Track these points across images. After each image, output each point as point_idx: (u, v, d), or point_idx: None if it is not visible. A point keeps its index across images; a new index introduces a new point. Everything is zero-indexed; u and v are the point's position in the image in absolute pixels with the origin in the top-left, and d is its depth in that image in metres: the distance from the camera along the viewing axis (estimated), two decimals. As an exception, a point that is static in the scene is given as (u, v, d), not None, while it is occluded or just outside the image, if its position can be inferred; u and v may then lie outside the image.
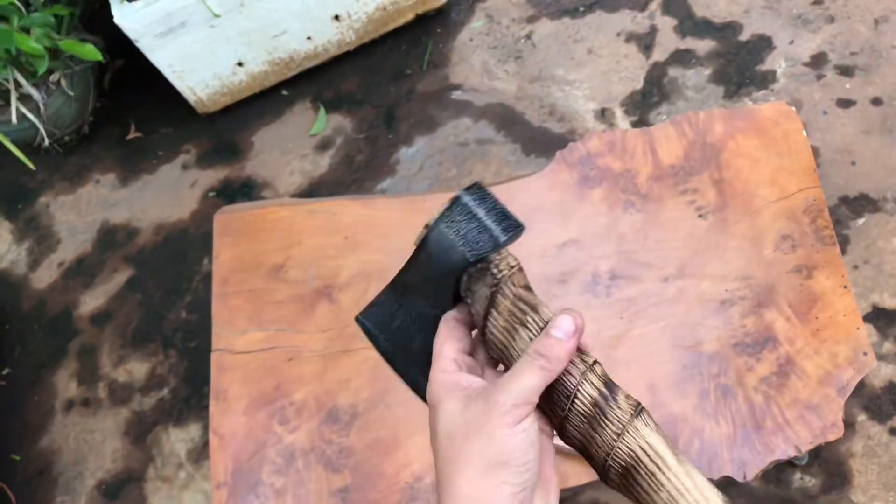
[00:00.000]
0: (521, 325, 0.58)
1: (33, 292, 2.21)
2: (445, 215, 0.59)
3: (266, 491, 1.17)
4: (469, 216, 0.59)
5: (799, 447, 1.06)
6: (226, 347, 1.29)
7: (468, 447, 0.55)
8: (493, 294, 0.59)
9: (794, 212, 1.20)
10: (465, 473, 0.54)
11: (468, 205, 0.59)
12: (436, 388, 0.59)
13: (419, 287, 0.63)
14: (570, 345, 0.57)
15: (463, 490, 0.54)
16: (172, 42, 2.01)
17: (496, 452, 0.54)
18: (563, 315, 0.58)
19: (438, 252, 0.59)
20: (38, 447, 1.98)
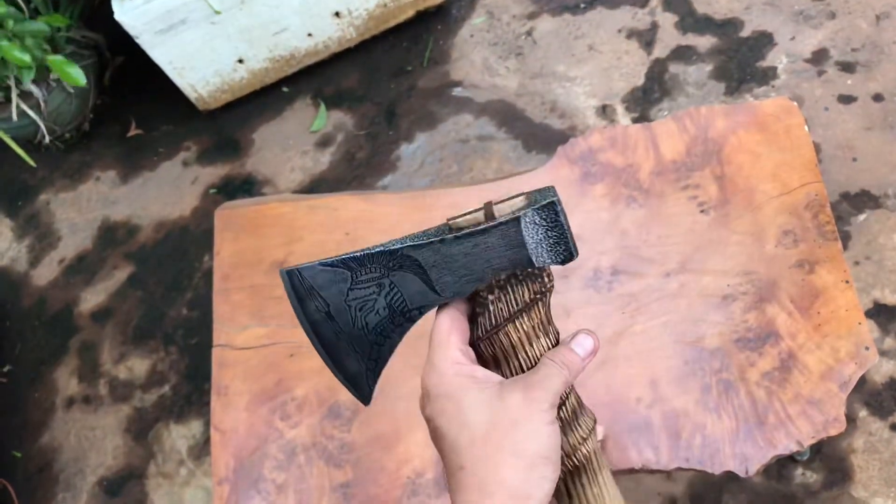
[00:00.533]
0: (544, 334, 0.61)
1: (34, 289, 2.21)
2: (539, 212, 0.58)
3: (267, 486, 1.17)
4: (555, 223, 0.58)
5: (801, 442, 1.06)
6: (227, 343, 1.28)
7: (511, 440, 0.55)
8: (535, 300, 0.60)
9: (796, 207, 1.20)
10: (510, 465, 0.55)
11: (558, 212, 0.58)
12: (449, 377, 0.58)
13: (446, 265, 0.60)
14: (586, 364, 0.61)
15: (509, 481, 0.54)
16: (173, 39, 2.01)
17: (542, 448, 0.55)
18: (586, 335, 0.61)
19: (512, 243, 0.58)
20: (39, 444, 1.98)
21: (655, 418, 1.11)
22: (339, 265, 0.60)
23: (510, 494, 0.54)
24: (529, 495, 0.54)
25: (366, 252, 0.60)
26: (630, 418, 1.11)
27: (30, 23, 1.92)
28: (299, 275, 0.61)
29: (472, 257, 0.59)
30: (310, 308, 0.62)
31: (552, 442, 0.56)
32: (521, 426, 0.56)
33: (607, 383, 1.14)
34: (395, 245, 0.60)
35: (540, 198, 0.58)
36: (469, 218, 0.60)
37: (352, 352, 0.63)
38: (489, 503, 0.54)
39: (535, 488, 0.55)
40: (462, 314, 0.62)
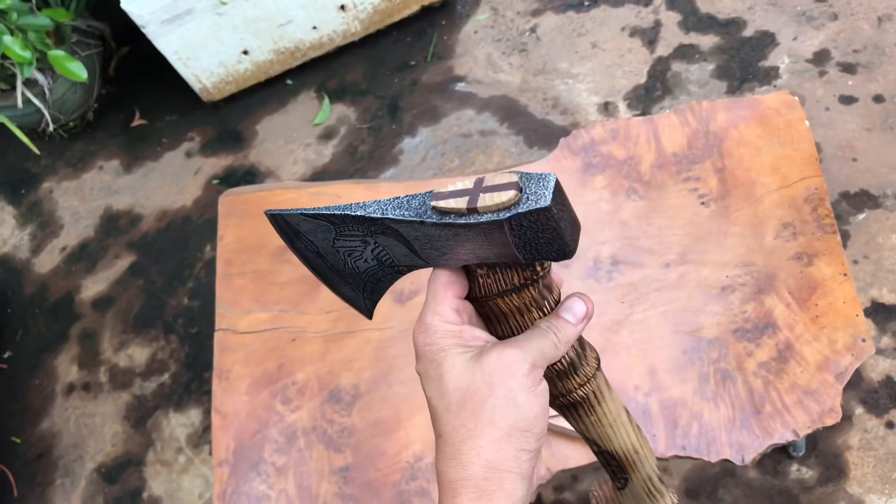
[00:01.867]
0: (536, 308, 0.58)
1: (35, 277, 2.22)
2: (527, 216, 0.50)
3: (267, 469, 1.18)
4: (546, 226, 0.51)
5: (797, 432, 1.07)
6: (229, 327, 1.29)
7: (489, 408, 0.52)
8: (525, 285, 0.57)
9: (796, 200, 1.21)
10: (484, 436, 0.52)
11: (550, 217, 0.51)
12: (435, 336, 0.55)
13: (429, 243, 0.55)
14: (579, 329, 0.57)
15: (483, 454, 0.52)
16: (178, 29, 2.02)
17: (519, 419, 0.52)
18: (577, 300, 0.58)
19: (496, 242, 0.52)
20: (39, 430, 1.99)
21: (653, 406, 1.12)
22: (322, 219, 0.58)
23: (484, 465, 0.51)
24: (506, 468, 0.52)
25: (345, 213, 0.57)
26: (628, 406, 1.12)
27: (34, 17, 1.93)
28: (283, 219, 0.59)
29: (455, 243, 0.54)
30: (299, 246, 0.61)
31: (531, 412, 0.53)
32: (496, 393, 0.53)
33: (606, 371, 1.15)
34: (374, 213, 0.56)
35: (533, 197, 0.51)
36: (451, 204, 0.53)
37: (346, 283, 0.62)
38: (463, 473, 0.52)
39: (512, 461, 0.52)
40: (461, 270, 0.58)
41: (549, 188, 0.50)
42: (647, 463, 0.65)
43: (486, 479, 0.51)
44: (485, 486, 0.51)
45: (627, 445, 0.64)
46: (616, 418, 0.63)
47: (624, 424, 0.63)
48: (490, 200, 0.51)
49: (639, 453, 0.64)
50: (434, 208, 0.54)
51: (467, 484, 0.52)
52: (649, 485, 0.66)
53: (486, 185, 0.52)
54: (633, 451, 0.64)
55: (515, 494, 0.52)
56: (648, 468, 0.66)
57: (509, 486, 0.52)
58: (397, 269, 0.60)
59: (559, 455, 1.11)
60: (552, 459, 1.11)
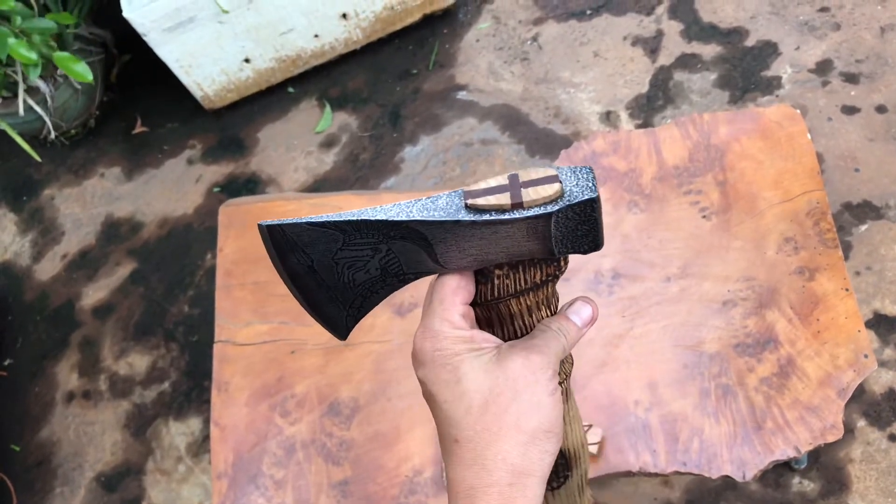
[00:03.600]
0: (545, 306, 0.58)
1: (36, 284, 2.22)
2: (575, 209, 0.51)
3: (266, 482, 1.18)
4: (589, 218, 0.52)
5: (798, 448, 1.06)
6: (228, 339, 1.29)
7: (512, 412, 0.52)
8: (545, 282, 0.57)
9: (798, 214, 1.20)
10: (510, 439, 0.51)
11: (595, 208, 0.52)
12: (445, 342, 0.54)
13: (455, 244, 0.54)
14: (584, 333, 0.58)
15: (510, 457, 0.51)
16: (180, 37, 2.02)
17: (544, 421, 0.52)
18: (584, 303, 0.58)
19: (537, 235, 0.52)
20: (38, 438, 1.99)
21: (654, 421, 1.11)
22: (331, 227, 0.55)
23: (510, 471, 0.51)
24: (531, 472, 0.51)
25: (364, 219, 0.54)
26: (628, 421, 1.12)
27: (38, 20, 1.93)
28: (281, 231, 0.56)
29: (488, 241, 0.53)
30: (290, 261, 0.57)
31: (555, 414, 0.53)
32: (522, 397, 0.52)
33: (607, 386, 1.14)
34: (399, 216, 0.54)
35: (577, 189, 0.52)
36: (492, 200, 0.52)
37: (333, 300, 0.60)
38: (487, 479, 0.51)
39: (537, 463, 0.52)
40: (469, 275, 0.57)
41: (590, 180, 0.52)
42: (585, 456, 0.65)
43: (511, 484, 0.51)
44: (509, 493, 0.51)
45: (578, 440, 0.63)
46: (575, 414, 0.62)
47: (579, 420, 0.63)
48: (535, 194, 0.51)
49: (584, 447, 0.64)
50: (470, 206, 0.53)
51: (491, 491, 0.51)
52: (584, 480, 0.65)
53: (524, 181, 0.53)
54: (581, 446, 0.63)
55: (536, 500, 0.52)
56: (585, 461, 0.65)
57: (531, 492, 0.51)
58: (402, 278, 0.58)
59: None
60: (552, 474, 1.11)
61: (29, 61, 1.88)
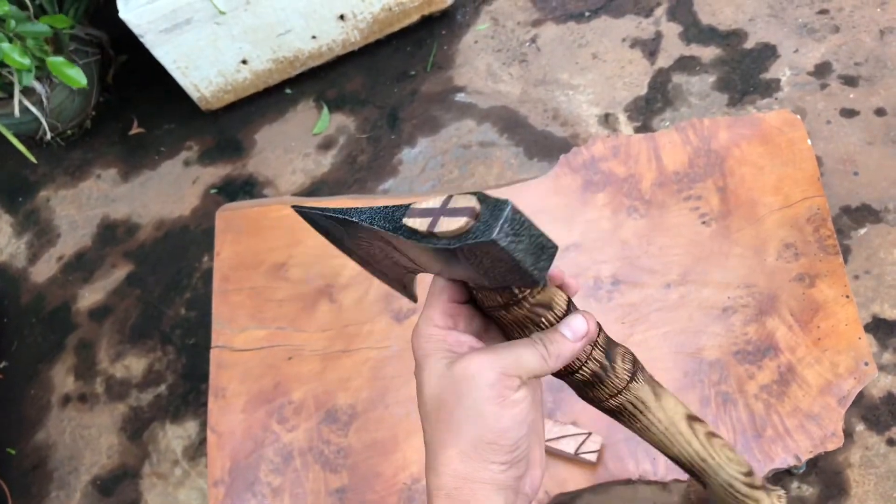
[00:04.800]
0: (534, 324, 0.56)
1: (32, 286, 2.21)
2: (475, 248, 0.48)
3: (263, 490, 1.17)
4: (500, 259, 0.48)
5: (798, 456, 1.06)
6: (225, 344, 1.28)
7: (456, 419, 0.51)
8: (509, 305, 0.55)
9: (798, 220, 1.20)
10: (453, 447, 0.51)
11: (500, 248, 0.47)
12: (422, 341, 0.55)
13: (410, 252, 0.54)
14: (577, 347, 0.55)
15: (453, 465, 0.51)
16: (177, 38, 2.01)
17: (485, 430, 0.51)
18: (578, 317, 0.56)
19: (454, 264, 0.51)
20: (34, 441, 1.98)
21: (653, 429, 1.10)
22: (332, 219, 0.58)
23: (454, 476, 0.51)
24: (476, 479, 0.51)
25: (345, 217, 0.56)
26: (628, 429, 1.11)
27: (32, 24, 1.91)
28: (308, 215, 0.61)
29: (427, 257, 0.53)
30: (332, 237, 0.62)
31: (499, 424, 0.51)
32: (463, 404, 0.51)
33: (606, 393, 1.14)
34: (364, 221, 0.54)
35: (483, 226, 0.47)
36: (416, 223, 0.51)
37: (381, 273, 0.62)
38: (437, 482, 0.51)
39: (483, 472, 0.51)
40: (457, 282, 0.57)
41: (500, 219, 0.46)
42: (722, 472, 0.63)
43: (457, 488, 0.51)
44: (456, 496, 0.51)
45: (689, 454, 0.62)
46: (668, 428, 0.61)
47: (680, 434, 0.62)
48: (446, 226, 0.49)
49: (707, 462, 0.62)
50: (404, 225, 0.52)
51: (440, 494, 0.51)
52: (731, 491, 0.64)
53: (448, 208, 0.50)
54: (699, 460, 0.62)
55: (490, 501, 0.51)
56: (726, 476, 0.63)
57: (481, 496, 0.51)
58: (410, 269, 0.59)
59: (558, 478, 1.10)
60: (551, 482, 1.10)
61: (22, 67, 1.87)
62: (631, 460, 1.09)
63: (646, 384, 0.61)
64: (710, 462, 0.62)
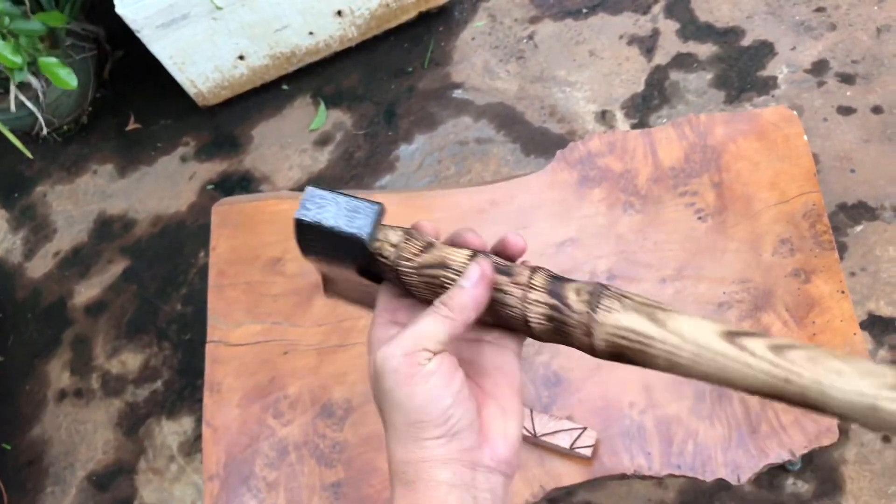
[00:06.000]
0: (440, 287, 0.54)
1: (28, 281, 2.20)
2: (301, 243, 0.54)
3: (258, 484, 1.17)
4: (319, 232, 0.53)
5: (793, 451, 1.06)
6: (221, 339, 1.28)
7: (385, 410, 0.52)
8: (398, 277, 0.55)
9: (794, 216, 1.20)
10: (391, 436, 0.51)
11: (310, 223, 0.53)
12: (368, 346, 0.56)
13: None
14: (477, 291, 0.53)
15: (394, 454, 0.51)
16: (174, 33, 2.00)
17: (405, 413, 0.50)
18: (472, 263, 0.54)
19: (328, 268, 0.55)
20: (30, 437, 1.98)
21: (648, 424, 1.11)
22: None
23: (398, 461, 0.51)
24: (417, 459, 0.50)
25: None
26: (623, 423, 1.11)
27: (26, 22, 1.90)
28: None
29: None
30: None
31: (414, 403, 0.50)
32: (383, 395, 0.51)
33: (602, 388, 1.14)
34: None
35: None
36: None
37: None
38: (390, 471, 0.52)
39: (422, 451, 0.50)
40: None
41: (302, 200, 0.53)
42: (835, 391, 0.45)
43: (405, 472, 0.50)
44: (406, 478, 0.50)
45: (759, 381, 0.47)
46: (699, 354, 0.48)
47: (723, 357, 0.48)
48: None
49: (795, 383, 0.46)
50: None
51: (394, 480, 0.51)
52: (876, 415, 0.45)
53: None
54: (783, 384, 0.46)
55: (438, 478, 0.49)
56: (844, 395, 0.45)
57: (427, 474, 0.50)
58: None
59: (553, 473, 1.10)
60: (546, 477, 1.10)
61: (13, 65, 1.86)
62: (626, 455, 1.09)
63: (631, 311, 0.51)
64: (800, 382, 0.46)
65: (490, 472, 0.52)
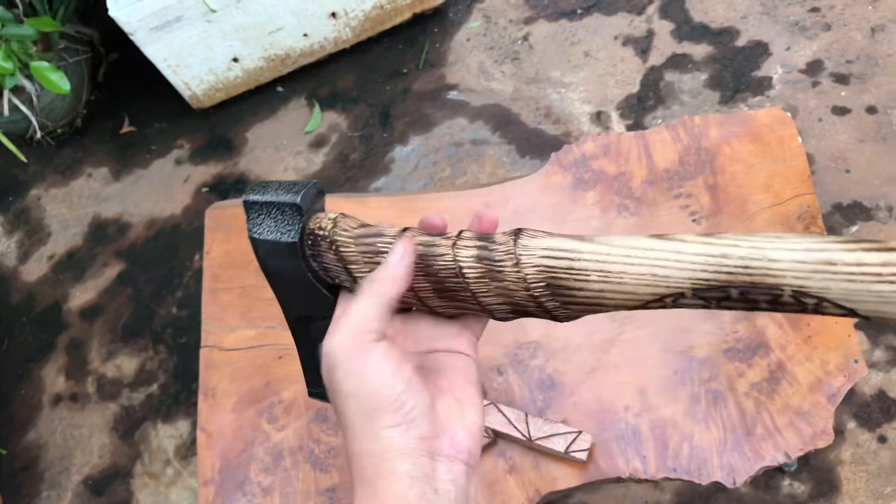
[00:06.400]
0: (377, 254, 0.55)
1: (23, 285, 2.19)
2: (249, 226, 0.58)
3: (253, 489, 1.16)
4: (264, 207, 0.57)
5: (789, 453, 1.06)
6: (215, 344, 1.28)
7: (341, 404, 0.51)
8: (337, 250, 0.56)
9: (788, 218, 1.20)
10: (347, 434, 0.50)
11: (256, 200, 0.57)
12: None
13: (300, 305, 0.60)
14: (402, 264, 0.53)
15: (354, 453, 0.50)
16: (168, 36, 2.00)
17: (360, 402, 0.49)
18: (399, 237, 0.55)
19: (273, 260, 0.57)
20: (25, 441, 1.97)
21: (644, 427, 1.10)
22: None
23: (356, 459, 0.50)
24: (373, 453, 0.49)
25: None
26: (618, 427, 1.11)
27: (18, 27, 1.89)
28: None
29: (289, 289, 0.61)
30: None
31: (370, 387, 0.49)
32: (336, 391, 0.50)
33: (596, 391, 1.14)
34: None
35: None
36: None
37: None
38: (351, 471, 0.50)
39: (376, 443, 0.49)
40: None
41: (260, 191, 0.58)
42: (780, 253, 0.43)
43: (362, 468, 0.49)
44: (364, 475, 0.49)
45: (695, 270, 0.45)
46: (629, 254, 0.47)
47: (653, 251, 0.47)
48: None
49: (730, 256, 0.44)
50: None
51: (355, 481, 0.50)
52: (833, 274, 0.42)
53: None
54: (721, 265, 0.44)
55: (398, 471, 0.48)
56: (793, 257, 0.42)
57: (385, 468, 0.48)
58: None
59: (548, 476, 1.10)
60: (541, 481, 1.10)
61: (4, 71, 1.85)
62: (621, 458, 1.09)
63: (556, 237, 0.51)
64: (739, 254, 0.44)
65: (451, 461, 0.51)
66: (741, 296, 0.45)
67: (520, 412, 1.12)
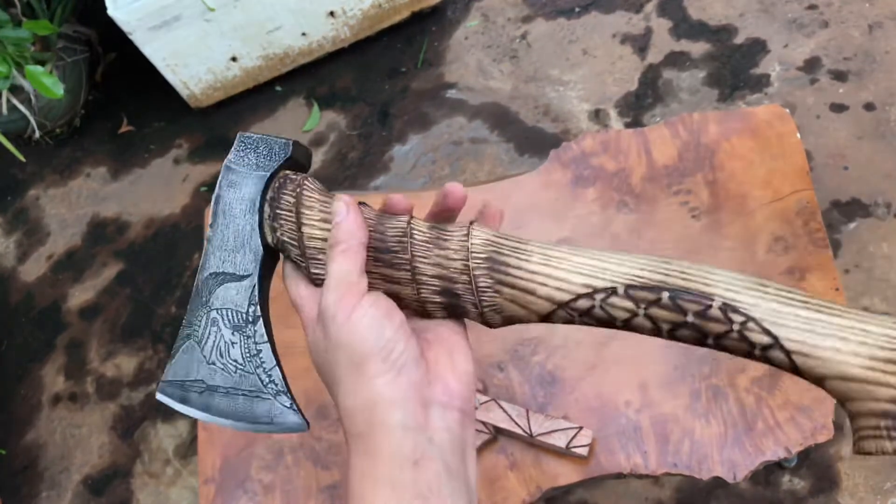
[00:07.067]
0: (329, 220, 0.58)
1: (21, 285, 2.19)
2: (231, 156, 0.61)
3: (254, 487, 1.17)
4: (255, 142, 0.61)
5: (789, 448, 1.06)
6: (215, 342, 1.28)
7: (331, 363, 0.52)
8: (300, 193, 0.58)
9: (787, 214, 1.20)
10: (340, 390, 0.51)
11: (251, 135, 0.61)
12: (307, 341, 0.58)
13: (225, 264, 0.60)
14: (350, 219, 0.54)
15: (346, 408, 0.50)
16: (166, 35, 2.00)
17: (351, 348, 0.50)
18: (335, 203, 0.56)
19: (233, 191, 0.59)
20: (24, 441, 1.97)
21: (644, 423, 1.11)
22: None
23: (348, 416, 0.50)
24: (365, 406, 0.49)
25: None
26: (619, 422, 1.11)
27: (13, 30, 1.89)
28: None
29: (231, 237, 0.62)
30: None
31: (359, 338, 0.50)
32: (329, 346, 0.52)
33: (597, 387, 1.14)
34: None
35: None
36: None
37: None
38: (344, 430, 0.51)
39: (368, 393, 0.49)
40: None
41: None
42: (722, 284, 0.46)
43: (355, 423, 0.50)
44: (356, 431, 0.49)
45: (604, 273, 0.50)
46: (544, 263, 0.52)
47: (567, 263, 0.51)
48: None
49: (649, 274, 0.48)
50: None
51: (347, 437, 0.50)
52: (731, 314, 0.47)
53: None
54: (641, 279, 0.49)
55: (390, 422, 0.48)
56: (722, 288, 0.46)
57: (377, 419, 0.48)
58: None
59: (549, 472, 1.10)
60: (542, 477, 1.10)
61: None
62: (622, 454, 1.09)
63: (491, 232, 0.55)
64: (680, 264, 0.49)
65: (444, 407, 0.51)
66: (671, 301, 0.46)
67: (521, 408, 1.12)
